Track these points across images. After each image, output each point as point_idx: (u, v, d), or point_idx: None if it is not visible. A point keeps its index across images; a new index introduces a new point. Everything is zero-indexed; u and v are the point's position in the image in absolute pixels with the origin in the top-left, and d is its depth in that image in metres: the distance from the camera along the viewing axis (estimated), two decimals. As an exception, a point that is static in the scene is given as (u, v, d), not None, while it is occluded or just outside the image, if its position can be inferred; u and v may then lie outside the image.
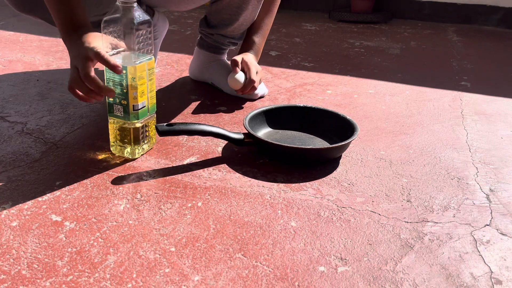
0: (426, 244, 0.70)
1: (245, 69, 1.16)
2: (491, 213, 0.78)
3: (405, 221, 0.75)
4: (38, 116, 1.09)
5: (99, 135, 1.01)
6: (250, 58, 1.18)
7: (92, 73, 0.79)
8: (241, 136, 0.93)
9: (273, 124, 1.04)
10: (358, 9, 2.54)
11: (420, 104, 1.29)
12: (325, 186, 0.84)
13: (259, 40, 1.24)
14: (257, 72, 1.17)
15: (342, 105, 1.25)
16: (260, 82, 1.21)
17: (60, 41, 1.76)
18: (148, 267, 0.63)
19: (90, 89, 0.80)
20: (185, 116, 1.13)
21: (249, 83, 1.15)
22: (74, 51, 0.83)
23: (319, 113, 1.05)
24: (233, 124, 1.09)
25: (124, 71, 0.82)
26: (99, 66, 0.91)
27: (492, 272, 0.64)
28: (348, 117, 1.00)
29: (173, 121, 1.10)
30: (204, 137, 1.00)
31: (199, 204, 0.77)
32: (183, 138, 1.00)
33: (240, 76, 1.15)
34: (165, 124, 0.91)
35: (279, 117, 1.05)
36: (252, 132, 0.93)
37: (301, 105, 1.08)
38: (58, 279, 0.60)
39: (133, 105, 0.85)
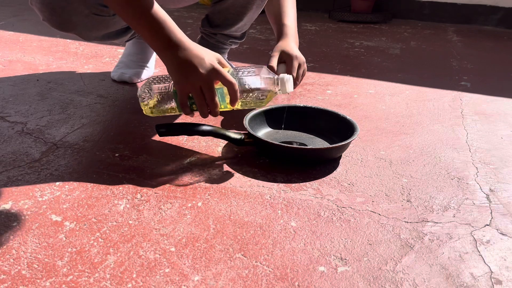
0: (426, 244, 0.70)
1: (287, 61, 1.06)
2: (491, 213, 0.78)
3: (405, 221, 0.75)
4: (38, 116, 1.09)
5: (99, 135, 1.01)
6: (291, 46, 1.08)
7: (216, 98, 0.86)
8: (241, 136, 0.93)
9: (273, 124, 1.04)
10: (358, 9, 2.54)
11: (420, 104, 1.29)
12: (325, 186, 0.84)
13: (291, 22, 1.14)
14: (299, 65, 1.07)
15: (342, 105, 1.25)
16: (303, 74, 1.09)
17: (60, 40, 1.76)
18: (148, 267, 0.63)
19: (207, 111, 0.87)
20: (185, 116, 1.13)
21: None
22: (189, 69, 0.83)
23: (319, 113, 1.05)
24: (233, 124, 1.09)
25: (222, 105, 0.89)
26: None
27: (492, 272, 0.64)
28: (348, 117, 1.00)
29: (173, 121, 1.10)
30: (204, 137, 1.00)
31: (199, 204, 0.77)
32: (183, 138, 1.00)
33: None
34: (165, 124, 0.91)
35: (279, 117, 1.05)
36: (252, 132, 0.93)
37: (301, 105, 1.08)
38: (58, 279, 0.60)
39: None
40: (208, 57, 0.84)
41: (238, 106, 0.90)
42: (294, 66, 1.04)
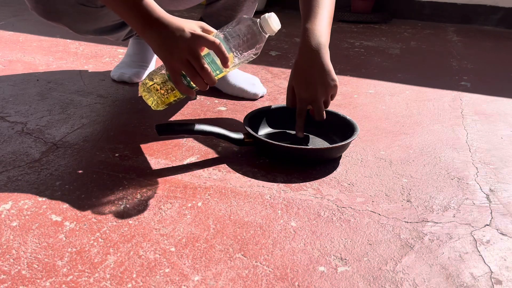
0: (426, 244, 0.70)
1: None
2: (491, 213, 0.78)
3: (405, 221, 0.75)
4: (38, 116, 1.09)
5: (99, 135, 1.01)
6: (298, 77, 0.92)
7: (206, 65, 0.79)
8: (241, 136, 0.93)
9: (273, 124, 1.04)
10: (358, 9, 2.54)
11: (420, 104, 1.29)
12: (325, 186, 0.84)
13: (313, 24, 0.92)
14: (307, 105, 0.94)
15: (342, 105, 1.25)
16: (331, 97, 0.96)
17: (60, 40, 1.76)
18: (148, 267, 0.63)
19: (203, 81, 0.81)
20: (185, 116, 1.13)
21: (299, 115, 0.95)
22: (172, 44, 0.79)
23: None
24: (233, 124, 1.09)
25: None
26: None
27: (492, 272, 0.64)
28: (348, 117, 1.00)
29: (173, 121, 1.10)
30: (204, 137, 1.00)
31: (199, 204, 0.77)
32: (183, 138, 1.00)
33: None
34: (165, 124, 0.91)
35: (279, 117, 1.05)
36: (252, 132, 0.93)
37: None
38: (58, 279, 0.60)
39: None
40: (188, 26, 0.80)
41: (234, 65, 0.85)
42: (298, 113, 0.94)
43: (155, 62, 1.42)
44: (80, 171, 0.86)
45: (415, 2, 2.65)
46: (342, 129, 0.97)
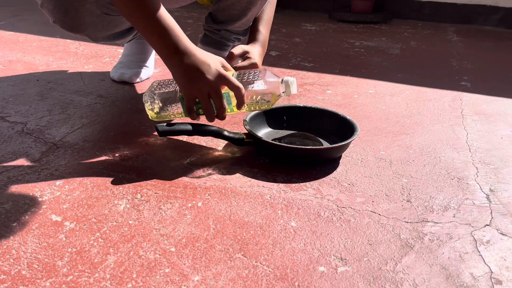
0: (426, 244, 0.70)
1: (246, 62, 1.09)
2: (491, 213, 0.78)
3: (405, 221, 0.75)
4: (38, 116, 1.09)
5: (99, 135, 1.01)
6: (256, 52, 1.09)
7: (225, 103, 0.87)
8: (241, 136, 0.93)
9: (273, 124, 1.04)
10: (358, 9, 2.54)
11: (420, 104, 1.29)
12: (325, 186, 0.84)
13: (265, 29, 1.18)
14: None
15: (342, 105, 1.25)
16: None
17: (60, 40, 1.76)
18: (148, 267, 0.63)
19: (214, 116, 0.89)
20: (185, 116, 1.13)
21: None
22: (196, 76, 0.84)
23: (319, 113, 1.05)
24: (233, 124, 1.09)
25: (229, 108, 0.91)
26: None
27: (492, 272, 0.64)
28: (348, 117, 1.00)
29: (173, 121, 1.10)
30: (204, 137, 1.00)
31: (199, 204, 0.77)
32: (183, 138, 1.00)
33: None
34: (165, 124, 0.91)
35: (279, 117, 1.05)
36: (252, 132, 0.93)
37: (301, 105, 1.08)
38: (58, 279, 0.60)
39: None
40: (213, 62, 0.86)
41: (244, 109, 0.91)
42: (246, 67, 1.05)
43: (153, 62, 1.42)
44: (80, 171, 0.86)
45: (415, 2, 2.65)
46: (342, 129, 0.97)
